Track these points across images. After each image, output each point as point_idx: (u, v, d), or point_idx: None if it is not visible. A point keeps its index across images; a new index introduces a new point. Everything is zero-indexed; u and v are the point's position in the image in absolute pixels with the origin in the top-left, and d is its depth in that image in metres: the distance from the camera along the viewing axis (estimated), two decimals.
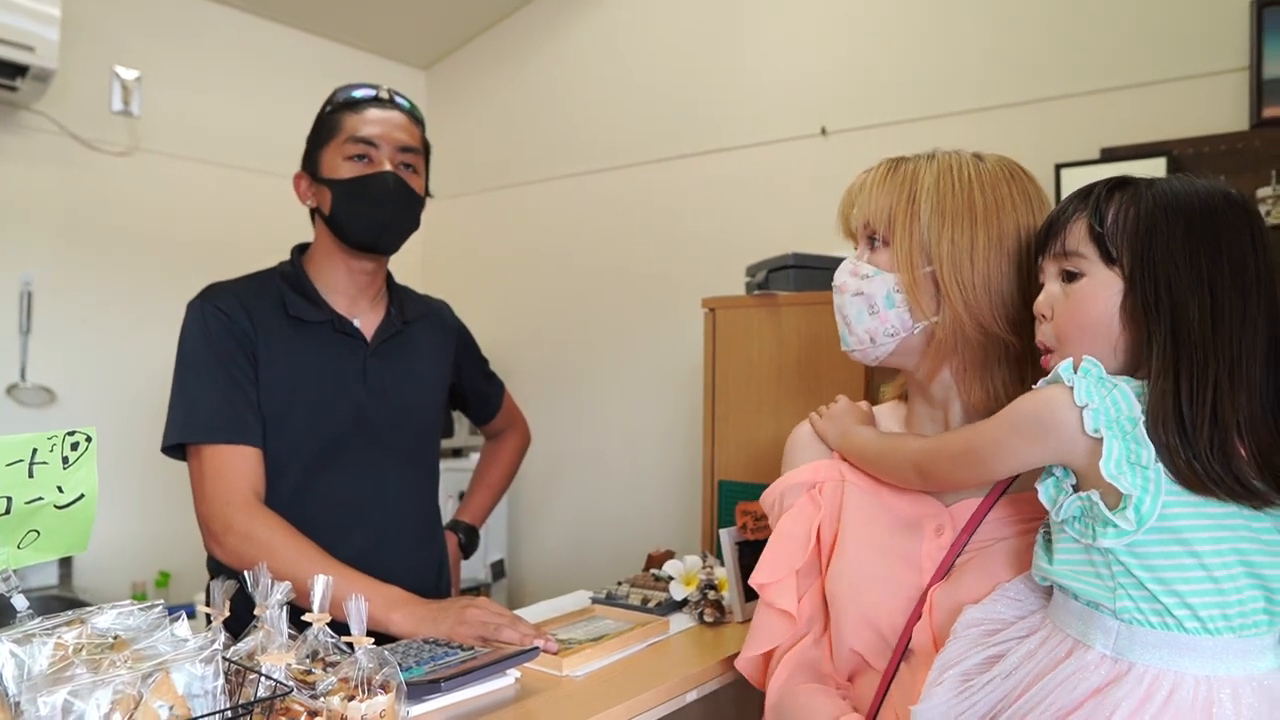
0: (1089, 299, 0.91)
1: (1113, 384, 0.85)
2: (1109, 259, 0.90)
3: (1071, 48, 2.46)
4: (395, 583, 1.44)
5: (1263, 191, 2.12)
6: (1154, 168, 2.24)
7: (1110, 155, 2.33)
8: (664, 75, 3.28)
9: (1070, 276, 0.93)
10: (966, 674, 0.93)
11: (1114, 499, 0.82)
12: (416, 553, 1.71)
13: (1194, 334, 0.83)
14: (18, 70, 2.59)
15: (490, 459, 2.06)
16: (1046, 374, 0.93)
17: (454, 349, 1.86)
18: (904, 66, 2.74)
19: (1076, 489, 0.87)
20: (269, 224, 3.39)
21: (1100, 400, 0.84)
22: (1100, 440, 0.83)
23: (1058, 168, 2.34)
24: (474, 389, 1.97)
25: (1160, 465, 0.81)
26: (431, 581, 1.73)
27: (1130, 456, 0.82)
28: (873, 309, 1.12)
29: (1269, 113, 2.16)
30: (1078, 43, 2.45)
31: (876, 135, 2.77)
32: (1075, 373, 0.86)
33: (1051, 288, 0.96)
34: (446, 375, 1.83)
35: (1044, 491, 0.90)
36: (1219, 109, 2.24)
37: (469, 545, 1.96)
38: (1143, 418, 0.82)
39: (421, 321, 1.76)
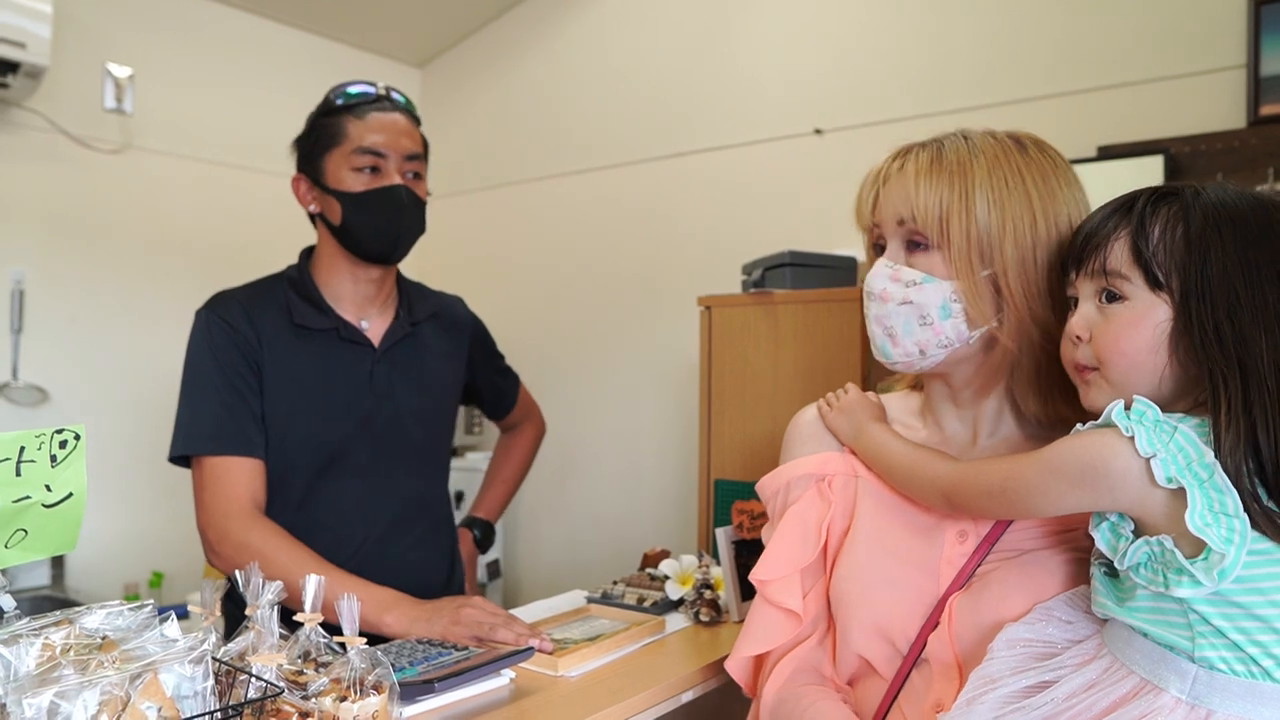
0: (1132, 325, 0.84)
1: (1173, 427, 0.78)
2: (1155, 283, 0.83)
3: (1068, 45, 2.46)
4: (403, 584, 1.43)
5: (1260, 189, 2.12)
6: (1151, 166, 2.24)
7: (1107, 153, 2.33)
8: (659, 74, 3.27)
9: (1111, 297, 0.87)
10: (1010, 697, 0.87)
11: (1191, 547, 0.76)
12: (425, 554, 1.71)
13: (1265, 368, 0.77)
14: (9, 67, 2.57)
15: (505, 453, 2.05)
16: (1084, 393, 0.89)
17: (468, 346, 1.84)
18: (898, 65, 2.74)
19: (1136, 533, 0.82)
20: (262, 222, 3.38)
21: (1165, 447, 0.77)
22: (1176, 490, 0.77)
23: None
24: (489, 385, 1.95)
25: (1245, 514, 0.75)
26: (441, 583, 1.72)
27: (1214, 505, 0.76)
28: (925, 320, 1.02)
29: (1266, 110, 2.16)
30: (1074, 40, 2.45)
31: (870, 134, 2.76)
32: (1129, 416, 0.79)
33: (1087, 309, 0.89)
34: (459, 374, 1.81)
35: (1101, 538, 0.84)
36: (1216, 107, 2.23)
37: (484, 541, 1.95)
38: (1216, 462, 0.76)
39: (432, 321, 1.75)
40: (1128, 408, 0.81)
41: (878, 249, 1.10)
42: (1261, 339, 0.78)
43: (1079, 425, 0.85)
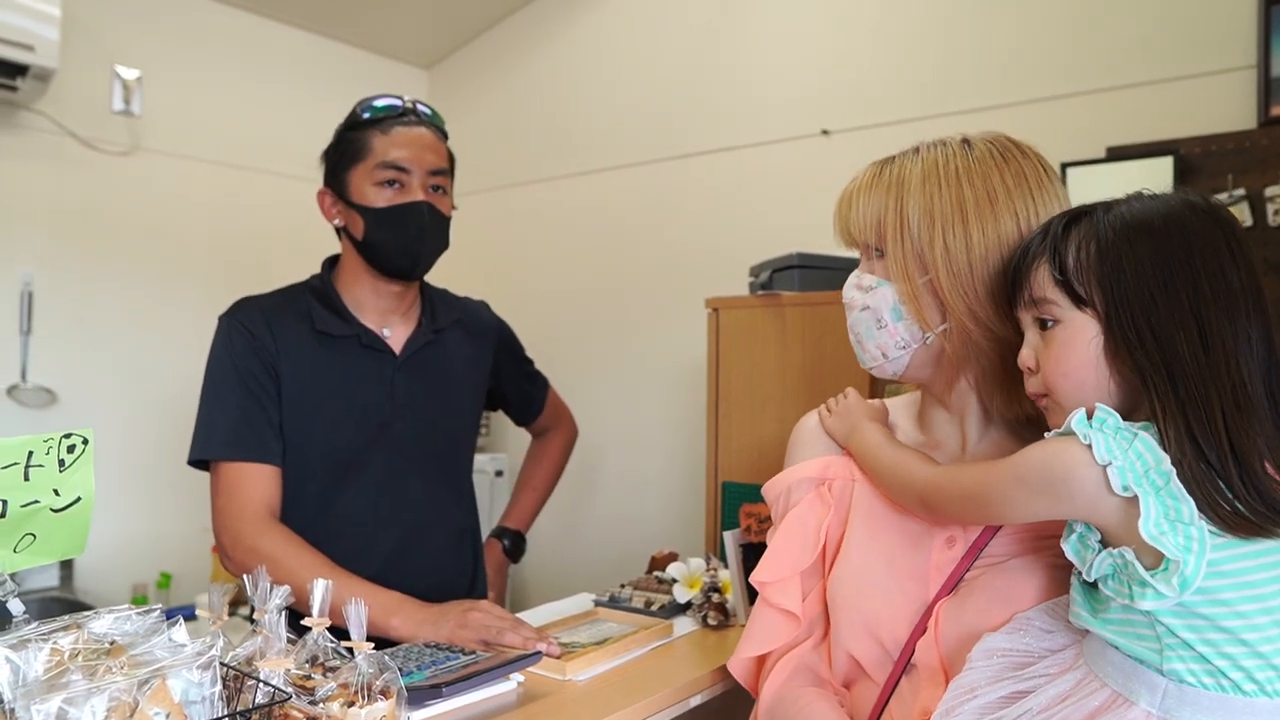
0: (1068, 346, 0.86)
1: (1132, 434, 0.79)
2: (1079, 301, 0.85)
3: (1077, 45, 2.45)
4: (423, 591, 1.44)
5: (1271, 190, 2.11)
6: (1160, 167, 2.23)
7: (1116, 154, 2.31)
8: (666, 75, 3.27)
9: (1045, 324, 0.89)
10: (986, 707, 0.88)
11: (1151, 558, 0.76)
12: (446, 560, 1.71)
13: (1188, 366, 0.78)
14: (17, 70, 2.57)
15: (535, 460, 2.04)
16: (1049, 420, 0.90)
17: (492, 351, 1.84)
18: (906, 66, 2.73)
19: (1104, 544, 0.81)
20: (270, 223, 3.38)
21: (1123, 455, 0.77)
22: (1131, 499, 0.76)
23: (1064, 167, 2.33)
24: (515, 389, 1.95)
25: (1203, 520, 0.75)
26: (463, 590, 1.72)
27: (1169, 514, 0.75)
28: (880, 323, 1.06)
29: (1277, 111, 2.14)
30: (1083, 40, 2.44)
31: (878, 135, 2.75)
32: (1090, 424, 0.79)
33: (1031, 338, 0.91)
34: (482, 381, 1.81)
35: (1070, 549, 0.84)
36: (1226, 107, 2.22)
37: (514, 551, 1.94)
38: (1173, 469, 0.76)
39: (455, 328, 1.75)
40: (1090, 416, 0.81)
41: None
42: (1181, 338, 0.79)
43: (1046, 433, 0.86)
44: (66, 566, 2.84)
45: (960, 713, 0.89)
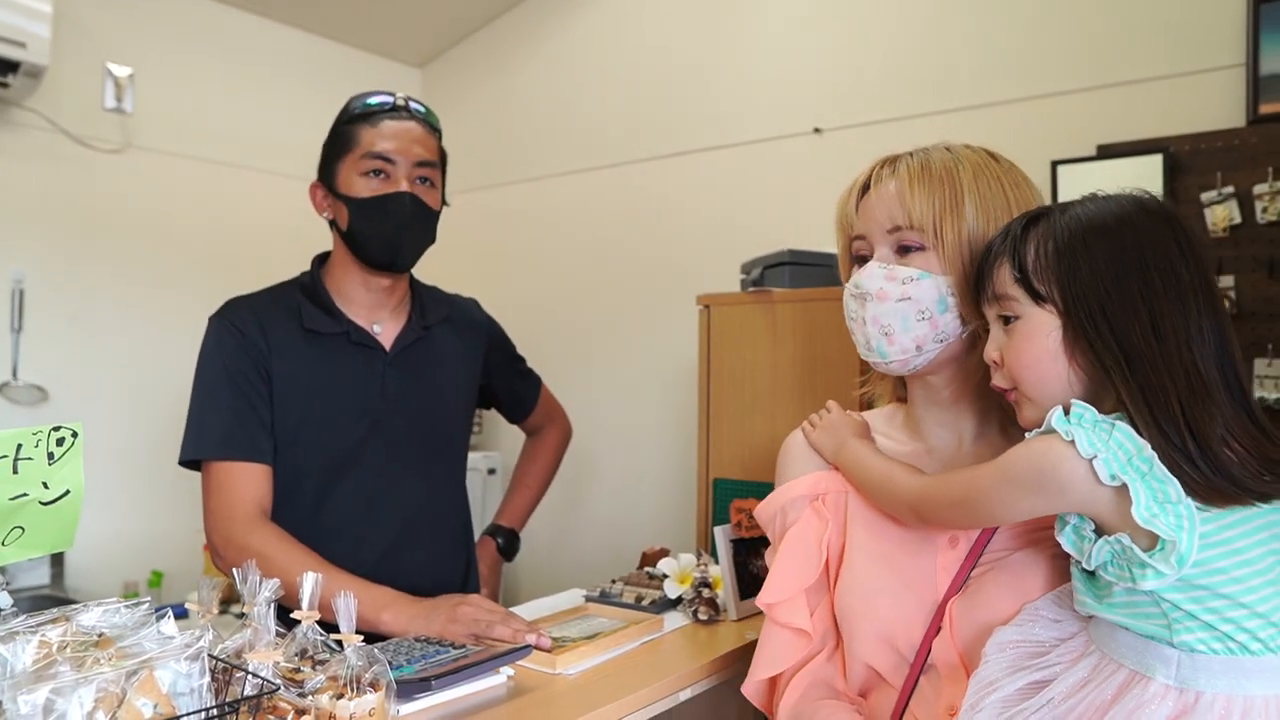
0: (1028, 340, 0.90)
1: (1110, 425, 0.82)
2: (1037, 297, 0.90)
3: (1067, 43, 2.45)
4: (416, 588, 1.44)
5: (1259, 188, 2.12)
6: (1150, 165, 2.24)
7: (1106, 152, 2.32)
8: (658, 73, 3.27)
9: (1008, 320, 0.93)
10: (1008, 699, 0.90)
11: (1146, 540, 0.80)
12: (440, 557, 1.71)
13: (1143, 354, 0.83)
14: (9, 66, 2.57)
15: (529, 458, 2.05)
16: (1018, 414, 0.93)
17: (483, 349, 1.84)
18: (897, 64, 2.74)
19: (1098, 532, 0.85)
20: (262, 221, 3.38)
21: (1106, 446, 0.81)
22: (1120, 487, 0.80)
23: (1054, 165, 2.34)
24: (506, 387, 1.95)
25: (1190, 498, 0.79)
26: (457, 585, 1.72)
27: (1157, 496, 0.79)
28: (923, 314, 1.04)
29: (1265, 109, 2.15)
30: (1073, 38, 2.44)
31: (870, 133, 2.76)
32: (1069, 420, 0.83)
33: (995, 333, 0.95)
34: (473, 378, 1.81)
35: (1066, 541, 0.87)
36: (1215, 105, 2.23)
37: (508, 549, 1.94)
38: (1155, 454, 0.80)
39: (445, 324, 1.75)
40: (1067, 412, 0.84)
41: (858, 259, 1.12)
42: (1135, 328, 0.84)
43: (1028, 433, 0.88)
44: (57, 564, 2.84)
45: (984, 706, 0.90)
